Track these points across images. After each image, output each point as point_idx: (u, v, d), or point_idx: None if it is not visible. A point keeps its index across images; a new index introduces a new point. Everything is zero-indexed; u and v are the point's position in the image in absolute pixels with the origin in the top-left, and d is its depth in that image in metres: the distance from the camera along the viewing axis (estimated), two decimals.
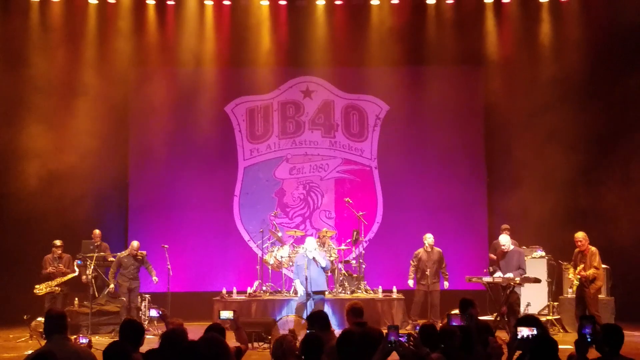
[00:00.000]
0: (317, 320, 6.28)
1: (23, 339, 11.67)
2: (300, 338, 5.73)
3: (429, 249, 12.97)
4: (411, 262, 13.04)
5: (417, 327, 6.41)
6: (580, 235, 11.16)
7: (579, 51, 13.86)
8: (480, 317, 8.29)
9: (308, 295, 11.48)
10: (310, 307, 11.34)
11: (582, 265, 11.04)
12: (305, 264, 11.47)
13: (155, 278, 12.77)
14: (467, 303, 7.27)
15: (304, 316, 11.10)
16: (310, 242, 11.83)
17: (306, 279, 11.38)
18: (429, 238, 13.01)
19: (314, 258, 11.51)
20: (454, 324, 6.11)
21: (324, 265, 11.60)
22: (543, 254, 13.29)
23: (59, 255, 12.62)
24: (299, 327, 10.04)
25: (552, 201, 13.39)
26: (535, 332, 5.43)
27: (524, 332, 5.45)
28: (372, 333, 6.08)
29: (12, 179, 13.38)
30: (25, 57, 13.95)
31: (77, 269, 12.64)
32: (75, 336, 6.43)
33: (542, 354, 5.10)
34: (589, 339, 5.33)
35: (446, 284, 12.84)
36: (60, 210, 13.49)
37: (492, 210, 14.87)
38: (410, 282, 12.99)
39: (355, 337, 5.34)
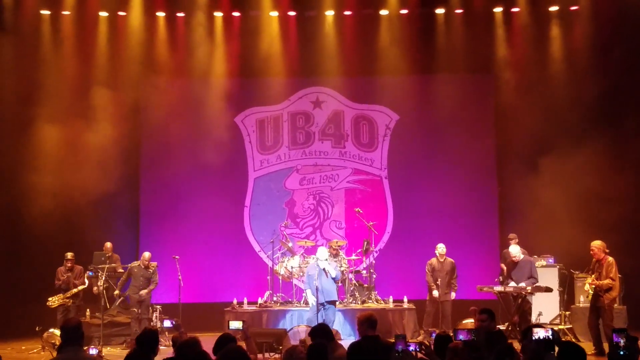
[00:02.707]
0: (320, 333, 6.29)
1: (35, 351, 11.71)
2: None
3: (441, 259, 12.92)
4: (427, 271, 12.94)
5: (434, 334, 6.35)
6: (594, 244, 11.07)
7: (589, 58, 13.86)
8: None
9: (321, 305, 11.46)
10: (322, 317, 11.32)
11: (595, 275, 10.96)
12: (316, 274, 11.45)
13: (146, 290, 12.72)
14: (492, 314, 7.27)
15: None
16: (322, 252, 11.79)
17: (317, 289, 11.36)
18: (440, 248, 12.95)
19: (324, 269, 11.47)
20: (461, 337, 6.07)
21: (334, 275, 11.55)
22: (551, 263, 13.23)
23: (70, 267, 12.66)
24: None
25: (564, 210, 13.32)
26: (550, 333, 5.40)
27: (540, 333, 5.42)
28: (382, 343, 6.09)
29: (24, 191, 13.45)
30: (37, 69, 14.07)
31: (87, 281, 12.67)
32: (85, 348, 6.46)
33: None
34: (621, 352, 5.24)
35: (453, 295, 12.77)
36: (72, 222, 13.56)
37: (503, 219, 14.82)
38: (436, 293, 12.70)
39: (365, 347, 5.35)
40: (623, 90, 13.81)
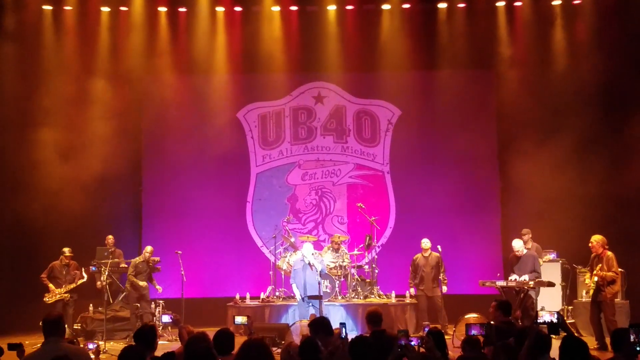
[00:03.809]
0: (320, 326, 6.33)
1: (39, 345, 11.70)
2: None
3: (426, 254, 12.96)
4: (411, 267, 13.07)
5: (426, 329, 6.39)
6: (594, 238, 11.08)
7: (591, 54, 13.84)
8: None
9: (305, 299, 11.62)
10: (312, 311, 11.42)
11: (599, 266, 10.95)
12: (317, 271, 11.56)
13: (158, 287, 12.75)
14: (508, 306, 7.30)
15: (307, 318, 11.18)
16: (307, 248, 11.90)
17: (319, 284, 11.41)
18: (424, 243, 13.01)
19: (309, 263, 11.56)
20: (474, 332, 6.06)
21: (319, 269, 11.69)
22: (554, 257, 13.22)
23: (67, 263, 12.66)
24: None
25: (566, 205, 13.33)
26: (556, 317, 5.40)
27: (545, 316, 5.43)
28: (385, 337, 6.11)
29: (27, 187, 13.48)
30: (38, 64, 14.08)
31: (85, 275, 12.66)
32: (85, 342, 6.54)
33: (573, 355, 5.06)
34: (637, 348, 5.21)
35: (444, 289, 12.75)
36: (75, 218, 13.55)
37: (506, 214, 14.80)
38: (411, 290, 12.98)
39: (368, 340, 5.36)
40: (627, 84, 13.77)
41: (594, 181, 13.20)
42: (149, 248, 12.82)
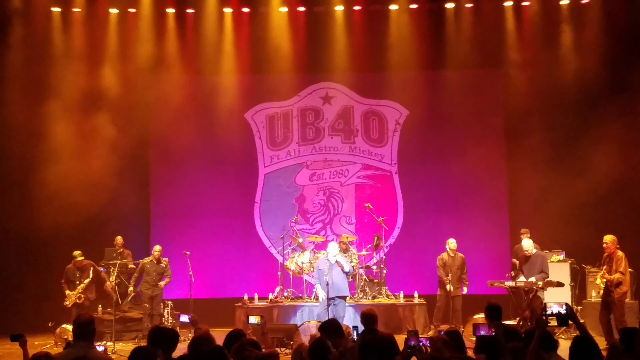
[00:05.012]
0: (330, 328, 6.32)
1: (48, 346, 11.76)
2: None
3: (452, 254, 12.89)
4: (438, 266, 12.93)
5: (441, 333, 6.36)
6: (606, 238, 11.02)
7: (599, 53, 13.78)
8: (503, 322, 8.19)
9: (331, 300, 11.40)
10: (332, 312, 11.26)
11: (606, 268, 10.91)
12: (326, 269, 11.34)
13: (163, 282, 12.82)
14: (496, 310, 7.18)
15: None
16: (333, 247, 11.66)
17: (327, 284, 11.30)
18: (451, 243, 12.93)
19: (337, 262, 11.37)
20: (482, 333, 6.02)
21: (347, 269, 11.42)
22: (563, 258, 13.19)
23: (80, 267, 12.68)
24: None
25: (575, 205, 13.28)
26: (564, 308, 5.38)
27: (553, 308, 5.41)
28: (391, 338, 6.12)
29: (35, 189, 13.51)
30: (47, 66, 14.12)
31: (91, 274, 12.60)
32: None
33: (584, 355, 5.04)
34: None
35: (465, 289, 12.74)
36: (84, 219, 13.58)
37: (514, 214, 14.78)
38: (449, 286, 12.67)
39: (376, 341, 5.36)
40: (635, 83, 13.71)
41: (603, 180, 13.15)
42: (157, 247, 12.85)
